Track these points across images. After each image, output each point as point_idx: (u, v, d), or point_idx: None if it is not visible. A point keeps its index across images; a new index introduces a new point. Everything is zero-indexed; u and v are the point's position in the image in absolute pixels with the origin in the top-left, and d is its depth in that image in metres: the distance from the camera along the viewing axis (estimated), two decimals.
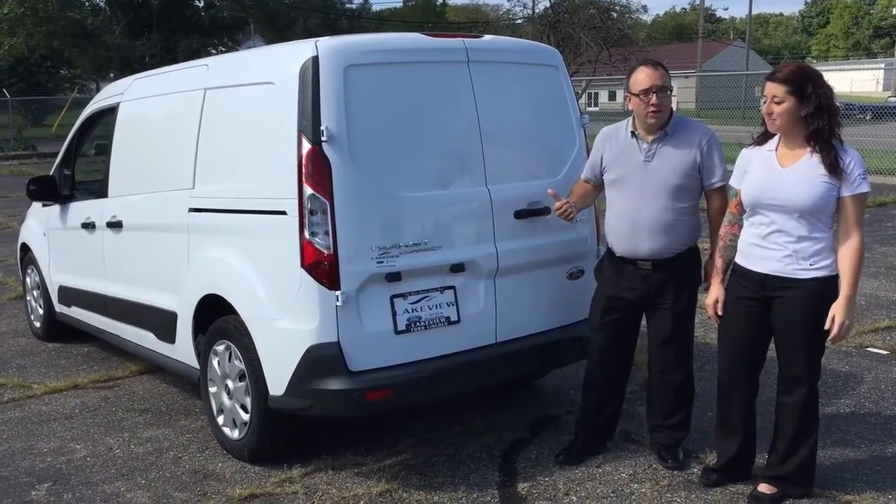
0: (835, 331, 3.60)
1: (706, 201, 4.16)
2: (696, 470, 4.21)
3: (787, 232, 3.64)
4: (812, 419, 3.80)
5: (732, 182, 3.88)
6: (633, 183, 4.11)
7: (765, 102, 3.63)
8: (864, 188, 3.57)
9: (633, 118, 4.15)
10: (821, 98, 3.55)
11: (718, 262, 3.97)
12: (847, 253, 3.60)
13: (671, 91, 4.08)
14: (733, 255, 3.89)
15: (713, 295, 3.96)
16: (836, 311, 3.59)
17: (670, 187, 4.04)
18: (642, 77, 4.03)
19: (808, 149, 3.60)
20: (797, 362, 3.71)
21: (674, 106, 4.21)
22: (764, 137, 3.78)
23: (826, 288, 3.64)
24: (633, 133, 4.14)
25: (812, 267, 3.62)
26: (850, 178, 3.54)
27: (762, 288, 3.73)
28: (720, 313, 3.93)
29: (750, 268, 3.77)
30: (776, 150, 3.71)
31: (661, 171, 4.05)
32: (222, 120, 4.60)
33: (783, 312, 3.70)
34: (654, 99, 4.00)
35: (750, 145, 3.83)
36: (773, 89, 3.58)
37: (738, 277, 3.84)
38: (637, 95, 4.03)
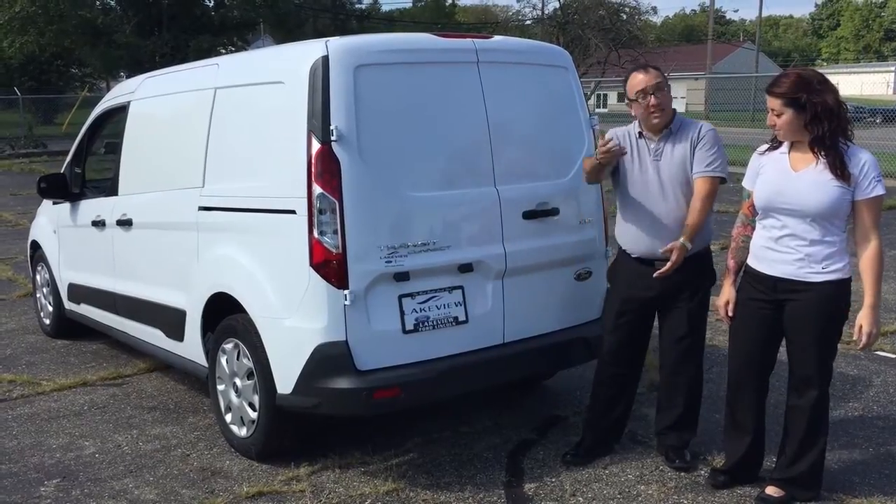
0: (863, 340, 3.59)
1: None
2: (703, 472, 4.20)
3: (800, 236, 3.62)
4: (822, 422, 3.79)
5: (745, 184, 3.88)
6: (645, 183, 4.13)
7: (769, 114, 3.65)
8: (879, 191, 3.54)
9: (639, 121, 4.17)
10: (816, 106, 3.52)
11: (730, 264, 3.96)
12: (867, 260, 3.59)
13: (668, 88, 4.09)
14: (745, 256, 3.88)
15: (724, 296, 3.95)
16: (863, 320, 3.59)
17: (679, 184, 4.06)
18: (637, 81, 4.07)
19: (815, 155, 3.59)
20: (808, 365, 3.70)
21: (682, 108, 4.21)
22: (778, 141, 3.77)
23: (838, 291, 3.63)
24: (640, 134, 4.16)
25: (824, 270, 3.61)
26: (864, 181, 3.52)
27: (774, 290, 3.72)
28: (731, 314, 3.92)
29: (762, 270, 3.76)
30: (789, 153, 3.70)
31: (669, 168, 4.08)
32: (232, 119, 4.62)
33: (795, 315, 3.68)
34: (652, 100, 4.03)
35: (764, 151, 3.81)
36: (771, 102, 3.61)
37: (750, 279, 3.83)
38: (636, 100, 4.07)
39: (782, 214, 3.66)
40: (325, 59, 3.94)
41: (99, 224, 5.91)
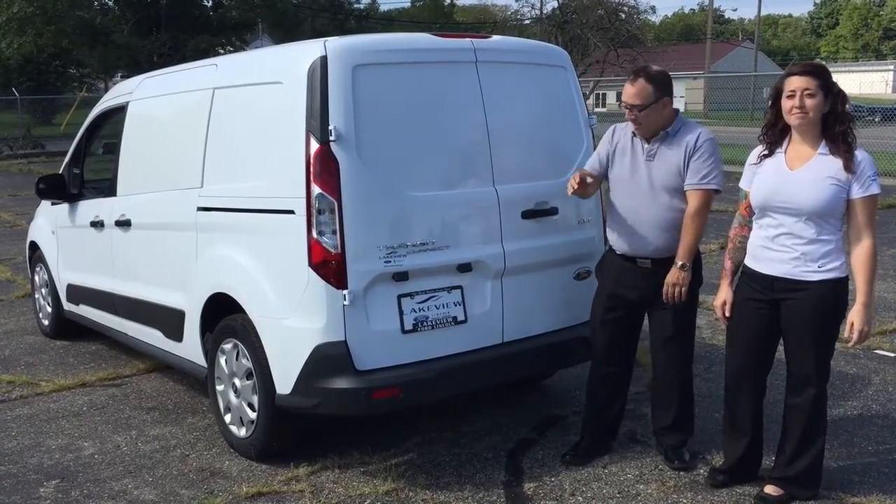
0: (855, 338, 3.60)
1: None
2: (702, 471, 4.21)
3: (796, 234, 3.63)
4: (820, 421, 3.79)
5: (741, 184, 3.88)
6: (635, 182, 4.13)
7: (789, 97, 3.57)
8: (875, 189, 3.55)
9: None
10: (845, 99, 3.57)
11: (727, 264, 3.96)
12: (860, 258, 3.58)
13: (658, 102, 4.01)
14: (742, 256, 3.88)
15: (721, 296, 3.95)
16: (855, 318, 3.59)
17: (669, 187, 4.06)
18: (624, 90, 4.09)
19: (819, 150, 3.59)
20: (806, 364, 3.70)
21: (681, 108, 4.21)
22: (770, 143, 3.75)
23: (836, 290, 3.63)
24: (633, 133, 4.17)
25: (821, 269, 3.61)
26: (860, 179, 3.53)
27: (771, 290, 3.72)
28: (728, 315, 3.92)
29: (759, 270, 3.76)
30: (785, 152, 3.70)
31: (660, 170, 4.07)
32: (231, 119, 4.62)
33: (792, 314, 3.69)
34: (628, 113, 4.05)
35: (760, 157, 3.79)
36: (806, 83, 3.53)
37: (747, 279, 3.83)
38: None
39: (778, 213, 3.66)
40: (324, 59, 3.94)
41: (97, 225, 5.91)
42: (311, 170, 3.91)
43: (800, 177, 3.60)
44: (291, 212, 4.00)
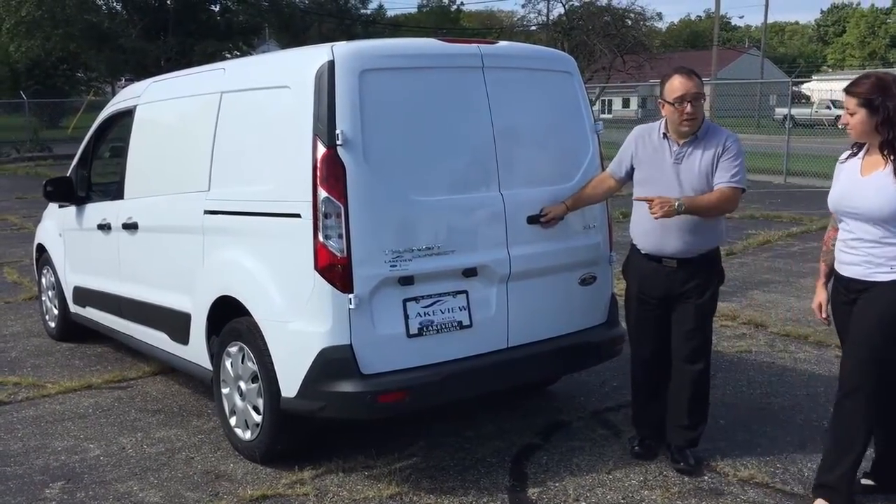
0: None
1: None
2: (707, 477, 4.20)
3: (864, 238, 3.66)
4: (857, 429, 3.70)
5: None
6: (662, 183, 4.15)
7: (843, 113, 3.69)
8: None
9: (666, 121, 4.20)
10: (889, 109, 3.56)
11: (821, 267, 4.03)
12: None
13: (704, 98, 4.13)
14: (832, 259, 3.90)
15: (817, 298, 4.01)
16: None
17: (696, 190, 4.09)
18: (676, 85, 4.08)
19: (884, 158, 3.62)
20: (852, 360, 3.69)
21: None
22: (856, 145, 3.80)
23: None
24: (664, 135, 4.19)
25: (893, 270, 3.60)
26: None
27: (847, 290, 3.76)
28: (825, 315, 3.97)
29: (839, 271, 3.82)
30: (862, 158, 3.74)
31: (689, 173, 4.11)
32: (238, 123, 4.64)
33: (858, 311, 3.71)
34: (688, 108, 4.05)
35: (844, 159, 3.82)
36: (846, 101, 3.66)
37: (835, 281, 3.88)
38: (671, 104, 4.07)
39: (848, 217, 3.71)
40: (331, 64, 3.96)
41: (104, 227, 5.93)
42: (318, 174, 3.92)
43: (867, 183, 3.64)
44: (298, 215, 4.02)
